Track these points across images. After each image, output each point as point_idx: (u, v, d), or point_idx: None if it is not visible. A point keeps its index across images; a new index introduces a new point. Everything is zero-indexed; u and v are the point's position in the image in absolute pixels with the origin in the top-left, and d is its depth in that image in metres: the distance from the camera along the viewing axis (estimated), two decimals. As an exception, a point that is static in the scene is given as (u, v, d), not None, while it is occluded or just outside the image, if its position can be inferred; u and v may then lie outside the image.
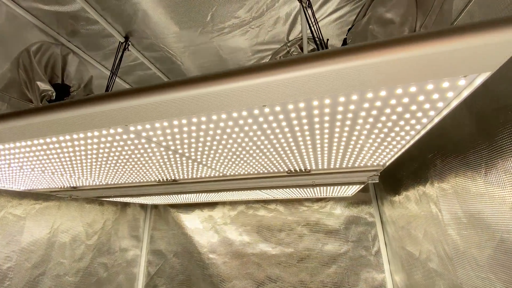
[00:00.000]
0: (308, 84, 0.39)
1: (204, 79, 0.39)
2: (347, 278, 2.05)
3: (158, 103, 0.42)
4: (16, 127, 0.54)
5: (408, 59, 0.35)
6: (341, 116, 0.49)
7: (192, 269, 2.36)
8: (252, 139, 0.61)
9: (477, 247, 0.81)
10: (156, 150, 0.68)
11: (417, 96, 0.42)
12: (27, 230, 1.57)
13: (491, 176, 0.74)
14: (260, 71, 0.39)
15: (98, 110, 0.46)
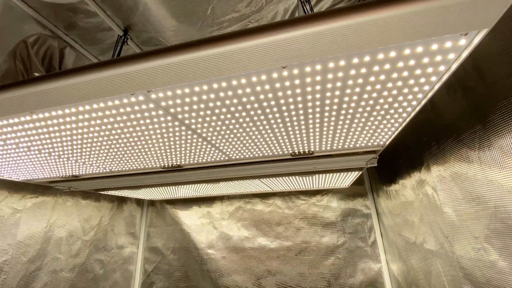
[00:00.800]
0: (322, 41, 0.42)
1: (230, 36, 0.42)
2: (345, 269, 2.08)
3: (185, 62, 0.44)
4: (16, 97, 0.55)
5: (410, 16, 0.39)
6: (351, 82, 0.52)
7: (190, 265, 2.35)
8: (265, 111, 0.64)
9: (473, 219, 0.86)
10: (170, 126, 0.70)
11: (422, 58, 0.46)
12: (23, 224, 1.54)
13: (485, 153, 0.79)
14: (281, 27, 0.42)
15: (122, 72, 0.48)
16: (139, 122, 0.67)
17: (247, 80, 0.50)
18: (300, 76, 0.50)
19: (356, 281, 2.04)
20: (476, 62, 0.81)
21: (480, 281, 0.85)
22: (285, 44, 0.42)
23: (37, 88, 0.52)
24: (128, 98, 0.55)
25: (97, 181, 1.36)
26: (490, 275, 0.80)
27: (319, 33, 0.41)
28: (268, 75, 0.49)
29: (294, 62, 0.45)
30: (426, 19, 0.39)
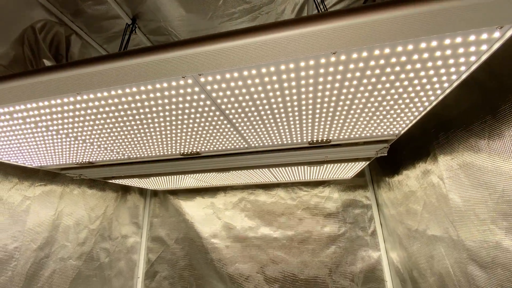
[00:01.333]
0: (364, 30, 0.46)
1: (290, 23, 0.45)
2: (345, 257, 2.17)
3: (244, 46, 0.47)
4: (49, 80, 0.56)
5: (452, 9, 0.43)
6: (389, 69, 0.56)
7: (194, 255, 2.38)
8: (300, 97, 0.67)
9: (479, 203, 0.93)
10: (206, 110, 0.73)
11: (458, 48, 0.50)
12: (32, 211, 1.54)
13: (495, 142, 0.86)
14: (332, 17, 0.45)
15: (174, 55, 0.50)
16: (178, 106, 0.70)
17: (295, 65, 0.54)
18: (345, 63, 0.53)
19: (356, 269, 2.13)
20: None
21: (485, 261, 0.92)
22: (339, 31, 0.46)
23: (94, 69, 0.53)
24: (177, 81, 0.58)
25: (110, 168, 1.37)
26: (495, 254, 0.87)
27: (377, 21, 0.45)
28: (316, 60, 0.52)
29: (344, 49, 0.49)
30: (470, 12, 0.43)
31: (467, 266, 1.03)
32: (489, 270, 0.91)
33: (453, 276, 1.13)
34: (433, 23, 0.45)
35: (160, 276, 2.40)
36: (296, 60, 0.52)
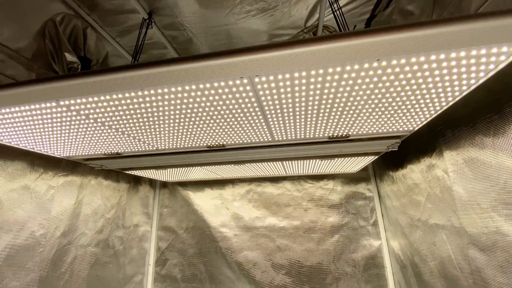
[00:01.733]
0: (406, 43, 0.54)
1: (342, 36, 0.53)
2: (348, 245, 2.30)
3: (306, 52, 0.55)
4: (110, 79, 0.63)
5: (484, 28, 0.51)
6: (420, 73, 0.65)
7: (203, 243, 2.48)
8: (336, 95, 0.75)
9: (482, 194, 1.05)
10: (248, 107, 0.81)
11: (480, 58, 0.59)
12: (56, 200, 1.60)
13: (499, 139, 0.96)
14: (378, 32, 0.53)
15: (239, 60, 0.58)
16: (225, 103, 0.77)
17: (342, 69, 0.62)
18: (384, 68, 0.62)
19: (358, 256, 2.27)
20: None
21: (486, 245, 1.04)
22: (385, 43, 0.54)
23: (167, 68, 0.60)
24: (234, 80, 0.65)
25: (135, 159, 1.44)
26: (495, 238, 0.99)
27: (410, 37, 0.53)
28: (360, 65, 0.61)
29: (386, 57, 0.57)
30: (494, 31, 0.52)
31: (468, 250, 1.15)
32: (489, 253, 1.03)
33: (454, 260, 1.26)
34: (459, 39, 0.53)
35: (170, 264, 2.49)
36: (343, 64, 0.60)
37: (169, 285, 2.44)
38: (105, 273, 1.98)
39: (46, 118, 0.87)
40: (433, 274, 1.47)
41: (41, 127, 0.95)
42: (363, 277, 2.21)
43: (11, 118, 0.87)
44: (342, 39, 0.54)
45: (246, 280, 2.33)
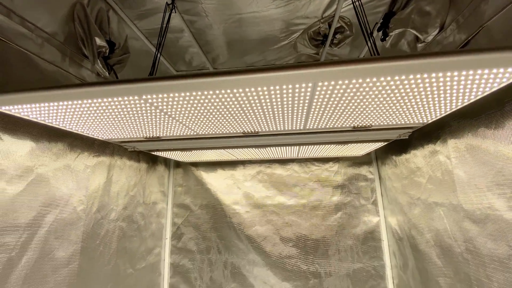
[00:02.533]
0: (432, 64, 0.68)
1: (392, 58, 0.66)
2: (349, 221, 2.55)
3: (350, 70, 0.68)
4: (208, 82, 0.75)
5: (492, 59, 0.66)
6: (455, 82, 0.80)
7: (217, 219, 2.68)
8: (377, 96, 0.89)
9: (479, 177, 1.25)
10: (299, 105, 0.94)
11: (498, 76, 0.74)
12: (91, 178, 1.71)
13: (498, 131, 1.14)
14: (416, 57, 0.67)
15: (313, 71, 0.70)
16: (282, 100, 0.90)
17: (385, 78, 0.75)
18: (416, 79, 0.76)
19: (358, 231, 2.53)
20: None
21: (479, 218, 1.26)
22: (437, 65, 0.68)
23: (247, 76, 0.72)
24: (301, 84, 0.78)
25: (172, 142, 1.55)
26: (487, 213, 1.21)
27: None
28: (406, 76, 0.74)
29: (428, 72, 0.71)
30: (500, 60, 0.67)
31: (463, 222, 1.37)
32: (481, 225, 1.25)
33: (449, 231, 1.49)
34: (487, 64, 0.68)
35: (186, 237, 2.69)
36: (386, 76, 0.74)
37: (185, 257, 2.66)
38: (130, 245, 2.15)
39: (115, 107, 0.97)
40: (429, 244, 1.72)
41: (105, 114, 1.05)
42: (362, 248, 2.49)
43: (81, 108, 0.96)
44: (381, 61, 0.68)
45: (257, 252, 2.57)
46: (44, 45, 1.43)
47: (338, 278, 2.45)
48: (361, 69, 0.69)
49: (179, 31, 2.38)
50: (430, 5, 1.46)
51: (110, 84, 0.76)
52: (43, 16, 1.44)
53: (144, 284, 2.34)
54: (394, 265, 2.37)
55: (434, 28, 1.50)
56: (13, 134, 1.24)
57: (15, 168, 1.24)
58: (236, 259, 2.58)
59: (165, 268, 2.64)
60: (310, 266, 2.51)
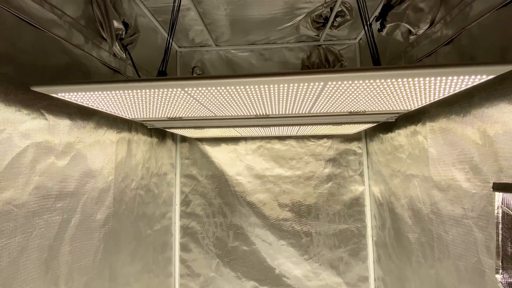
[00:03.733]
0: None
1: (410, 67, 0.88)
2: (339, 190, 2.92)
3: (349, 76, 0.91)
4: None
5: (465, 71, 0.90)
6: (446, 83, 1.03)
7: (221, 188, 2.98)
8: (378, 88, 1.12)
9: (447, 155, 1.55)
10: (314, 92, 1.16)
11: (473, 81, 0.98)
12: (117, 152, 1.92)
13: (465, 118, 1.41)
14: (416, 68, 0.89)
15: (322, 77, 0.92)
16: (297, 92, 1.11)
17: (384, 81, 0.98)
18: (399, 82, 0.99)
19: (345, 198, 2.91)
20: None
21: (443, 187, 1.59)
22: (398, 74, 0.90)
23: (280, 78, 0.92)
24: (314, 83, 0.99)
25: (187, 121, 1.75)
26: (450, 182, 1.53)
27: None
28: (395, 80, 0.97)
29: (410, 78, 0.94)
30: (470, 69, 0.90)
31: (431, 190, 1.71)
32: (445, 192, 1.58)
33: (420, 197, 1.84)
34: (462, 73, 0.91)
35: (193, 204, 3.01)
36: (379, 79, 0.96)
37: (193, 220, 3.00)
38: (148, 210, 2.44)
39: (156, 94, 1.15)
40: (403, 207, 2.10)
41: (144, 100, 1.23)
42: (348, 212, 2.89)
43: (129, 96, 1.14)
44: (380, 71, 0.90)
45: (257, 215, 2.94)
46: (71, 30, 1.53)
47: (326, 236, 2.88)
48: (360, 75, 0.92)
49: (185, 10, 2.44)
50: (424, 2, 1.63)
51: (165, 81, 0.95)
52: (67, 1, 1.52)
53: (159, 243, 2.68)
54: (374, 225, 2.81)
55: (425, 24, 1.69)
56: (55, 114, 1.41)
57: (60, 144, 1.43)
58: (239, 221, 2.95)
59: (176, 230, 2.98)
60: (303, 227, 2.91)
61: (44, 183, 1.34)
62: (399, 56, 2.11)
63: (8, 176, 1.16)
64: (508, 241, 1.17)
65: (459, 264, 1.50)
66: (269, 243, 2.92)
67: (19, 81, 1.20)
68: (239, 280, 2.91)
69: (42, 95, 1.26)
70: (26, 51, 1.26)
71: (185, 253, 2.98)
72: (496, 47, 1.24)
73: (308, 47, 3.04)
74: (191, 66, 3.18)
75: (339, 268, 2.86)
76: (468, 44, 1.43)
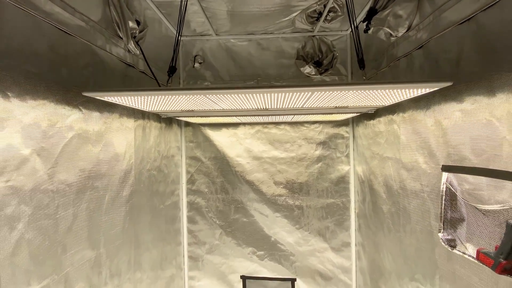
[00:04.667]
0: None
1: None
2: (327, 169, 3.30)
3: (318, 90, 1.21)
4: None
5: (421, 87, 1.20)
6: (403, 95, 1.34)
7: (223, 168, 3.33)
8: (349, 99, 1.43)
9: (413, 141, 1.90)
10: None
11: (421, 91, 1.29)
12: (135, 138, 2.21)
13: (427, 112, 1.74)
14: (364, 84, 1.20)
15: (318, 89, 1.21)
16: (293, 96, 1.41)
17: (363, 91, 1.29)
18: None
19: (333, 176, 3.31)
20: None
21: (409, 168, 1.96)
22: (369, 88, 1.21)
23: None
24: (306, 92, 1.29)
25: (197, 112, 2.04)
26: (414, 164, 1.90)
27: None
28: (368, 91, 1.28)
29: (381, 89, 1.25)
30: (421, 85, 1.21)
31: (400, 170, 2.09)
32: (410, 172, 1.96)
33: (392, 176, 2.22)
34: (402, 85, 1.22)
35: (198, 182, 3.37)
36: (358, 90, 1.27)
37: (198, 196, 3.37)
38: (160, 188, 2.78)
39: (180, 98, 1.43)
40: (380, 184, 2.49)
41: (168, 100, 1.51)
42: (335, 189, 3.31)
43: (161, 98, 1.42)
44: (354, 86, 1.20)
45: (255, 192, 3.33)
46: (95, 34, 1.75)
47: (315, 209, 3.32)
48: (341, 88, 1.22)
49: (189, 4, 2.62)
50: (403, 10, 1.88)
51: (192, 89, 1.23)
52: (89, 5, 1.71)
53: (170, 216, 3.06)
54: (356, 200, 3.24)
55: (403, 28, 1.95)
56: (88, 108, 1.68)
57: (93, 133, 1.71)
58: (239, 197, 3.34)
59: (183, 205, 3.36)
60: (296, 201, 3.33)
61: (85, 166, 1.65)
62: (383, 53, 2.39)
63: (61, 162, 1.46)
64: (448, 209, 1.56)
65: (417, 227, 1.92)
66: (266, 215, 3.34)
67: (65, 82, 1.46)
68: (240, 247, 3.37)
69: (80, 95, 1.53)
70: (67, 56, 1.50)
71: (192, 224, 3.39)
72: (453, 57, 1.54)
73: (303, 38, 3.25)
74: (193, 55, 3.38)
75: (325, 236, 3.33)
76: (434, 51, 1.72)
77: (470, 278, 1.43)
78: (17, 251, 1.19)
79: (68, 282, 1.51)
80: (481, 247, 1.28)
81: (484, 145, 1.31)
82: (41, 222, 1.33)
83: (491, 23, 1.28)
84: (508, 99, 1.17)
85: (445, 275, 1.63)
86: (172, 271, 3.09)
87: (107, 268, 1.85)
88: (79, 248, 1.59)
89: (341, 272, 3.31)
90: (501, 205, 1.21)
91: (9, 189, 1.16)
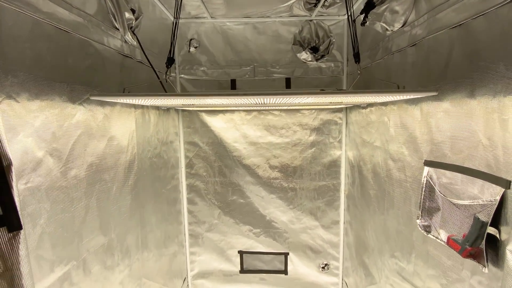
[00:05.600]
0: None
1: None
2: (320, 154, 3.46)
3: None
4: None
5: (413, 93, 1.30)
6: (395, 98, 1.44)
7: (221, 153, 3.45)
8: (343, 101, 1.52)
9: (400, 135, 2.04)
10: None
11: (409, 96, 1.39)
12: (137, 129, 2.27)
13: (416, 108, 1.86)
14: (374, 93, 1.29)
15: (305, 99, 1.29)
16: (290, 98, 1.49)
17: (354, 96, 1.38)
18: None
19: (325, 160, 3.48)
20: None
21: (395, 158, 2.12)
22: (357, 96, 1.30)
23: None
24: (303, 98, 1.37)
25: (197, 106, 2.10)
26: (399, 156, 2.05)
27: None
28: (360, 97, 1.37)
29: (371, 98, 1.34)
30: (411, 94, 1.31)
31: (387, 160, 2.25)
32: (396, 162, 2.12)
33: (380, 164, 2.40)
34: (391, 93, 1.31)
35: (197, 167, 3.50)
36: (351, 96, 1.36)
37: (197, 180, 3.53)
38: (161, 174, 2.91)
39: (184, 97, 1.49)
40: (368, 171, 2.68)
41: (172, 99, 1.57)
42: (327, 172, 3.50)
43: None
44: (346, 94, 1.29)
45: (251, 175, 3.50)
46: (93, 28, 1.73)
47: (308, 191, 3.54)
48: (329, 96, 1.31)
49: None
50: (400, 5, 1.90)
51: (193, 96, 1.30)
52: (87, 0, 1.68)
53: (171, 198, 3.23)
54: (346, 182, 3.45)
55: (399, 24, 1.99)
56: (92, 106, 1.72)
57: (98, 129, 1.78)
58: (236, 180, 3.51)
59: (183, 188, 3.52)
60: (290, 184, 3.53)
61: (94, 161, 1.74)
62: (378, 43, 2.42)
63: (72, 158, 1.55)
64: (427, 199, 1.75)
65: (399, 212, 2.13)
66: (262, 197, 3.55)
67: (68, 81, 1.49)
68: (237, 225, 3.61)
69: (83, 92, 1.57)
70: (67, 55, 1.51)
71: (192, 205, 3.59)
72: (443, 60, 1.62)
73: (300, 22, 3.21)
74: (188, 38, 3.31)
75: (317, 215, 3.59)
76: (426, 52, 1.78)
77: (440, 258, 1.65)
78: (41, 244, 1.32)
79: (86, 265, 1.67)
80: (451, 234, 1.48)
81: (462, 145, 1.45)
82: (59, 216, 1.45)
83: (479, 32, 1.36)
84: (487, 107, 1.29)
85: (420, 254, 1.87)
86: (174, 248, 3.33)
87: (119, 251, 2.03)
88: (93, 236, 1.74)
89: (330, 247, 3.63)
90: (471, 200, 1.38)
91: (29, 190, 1.26)
